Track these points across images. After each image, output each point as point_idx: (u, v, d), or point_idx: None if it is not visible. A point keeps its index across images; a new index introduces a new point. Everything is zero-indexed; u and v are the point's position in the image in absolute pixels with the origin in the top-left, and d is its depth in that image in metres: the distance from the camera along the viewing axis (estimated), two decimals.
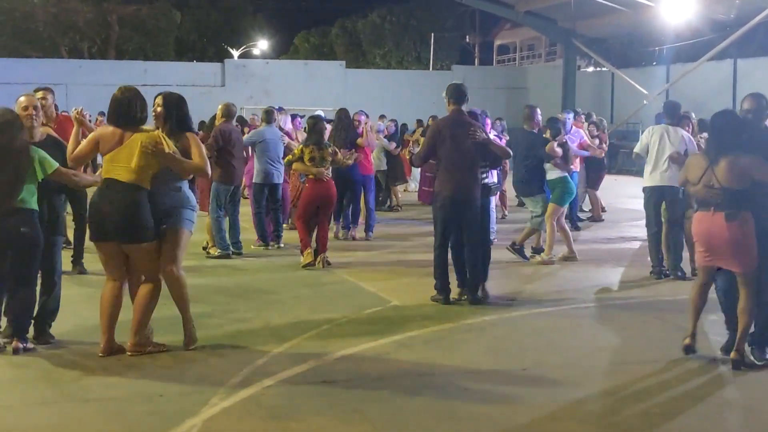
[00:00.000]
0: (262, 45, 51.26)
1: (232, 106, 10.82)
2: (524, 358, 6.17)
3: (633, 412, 5.09)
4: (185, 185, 6.31)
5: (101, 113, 18.42)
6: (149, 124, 6.25)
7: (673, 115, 9.44)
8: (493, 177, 8.87)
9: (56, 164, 6.07)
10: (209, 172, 6.43)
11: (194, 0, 49.27)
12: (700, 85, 27.55)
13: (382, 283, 8.89)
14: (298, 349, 6.31)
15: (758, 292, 5.91)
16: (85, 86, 29.88)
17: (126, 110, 6.04)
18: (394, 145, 15.98)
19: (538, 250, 10.48)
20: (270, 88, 32.38)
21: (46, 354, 6.11)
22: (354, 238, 12.03)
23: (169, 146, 5.98)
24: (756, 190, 5.82)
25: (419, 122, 19.92)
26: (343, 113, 12.12)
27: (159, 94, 6.38)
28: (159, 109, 6.31)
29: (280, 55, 53.66)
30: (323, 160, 9.82)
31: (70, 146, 6.20)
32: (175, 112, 6.25)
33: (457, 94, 8.01)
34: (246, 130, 13.79)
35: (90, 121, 10.43)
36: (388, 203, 16.37)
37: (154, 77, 32.61)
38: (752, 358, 5.97)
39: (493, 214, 10.57)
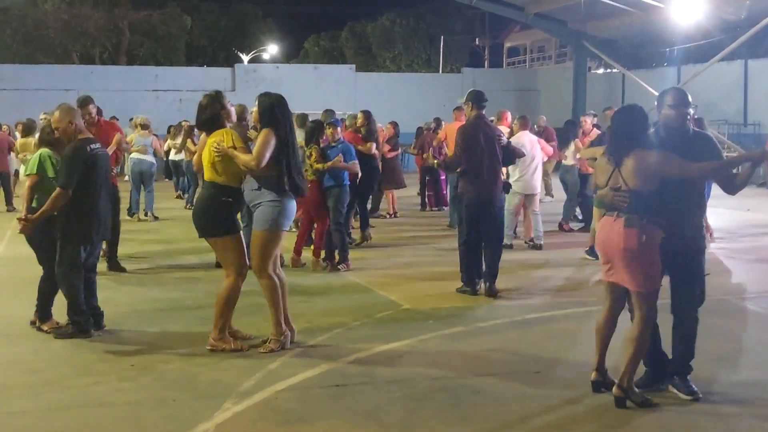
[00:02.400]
0: (272, 49, 51.37)
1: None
2: (538, 361, 6.16)
3: (649, 414, 5.06)
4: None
5: (113, 117, 18.50)
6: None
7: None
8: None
9: None
10: (255, 166, 6.13)
11: (205, 5, 49.45)
12: (711, 85, 27.46)
13: (393, 287, 8.89)
14: (310, 353, 6.32)
15: (685, 319, 5.29)
16: (96, 92, 29.74)
17: (199, 115, 6.49)
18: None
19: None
20: (281, 93, 32.42)
21: (61, 359, 6.14)
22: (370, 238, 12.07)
23: (232, 143, 6.19)
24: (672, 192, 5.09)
25: (437, 121, 18.15)
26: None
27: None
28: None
29: (290, 59, 53.75)
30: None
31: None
32: (262, 111, 6.46)
33: (480, 99, 8.56)
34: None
35: None
36: (391, 212, 15.67)
37: (165, 82, 32.79)
38: (677, 392, 5.32)
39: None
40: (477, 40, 53.16)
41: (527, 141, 11.41)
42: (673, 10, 24.95)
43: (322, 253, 10.04)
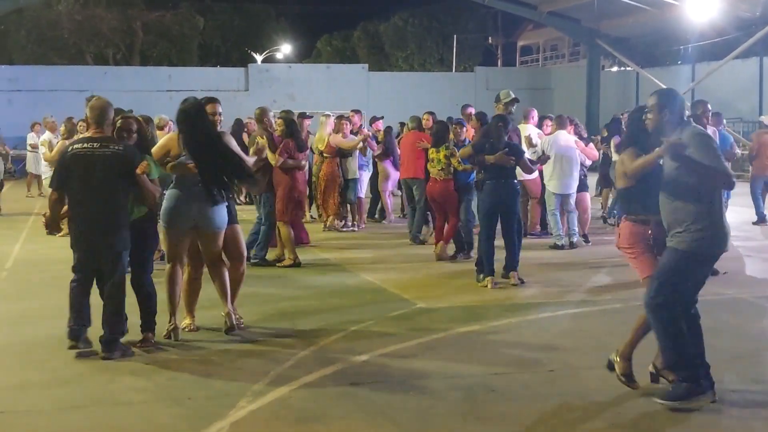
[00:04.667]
0: (285, 49, 51.47)
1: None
2: (551, 360, 6.14)
3: (665, 414, 5.04)
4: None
5: None
6: None
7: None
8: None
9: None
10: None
11: (218, 5, 49.58)
12: (726, 83, 27.33)
13: (406, 286, 8.88)
14: (324, 352, 6.33)
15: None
16: (110, 92, 29.90)
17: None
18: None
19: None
20: (294, 92, 32.51)
21: (76, 359, 6.16)
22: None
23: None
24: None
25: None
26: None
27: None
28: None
29: (302, 59, 53.84)
30: None
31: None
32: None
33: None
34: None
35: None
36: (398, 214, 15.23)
37: (179, 83, 32.87)
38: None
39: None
40: (490, 38, 53.02)
41: (563, 141, 11.36)
42: (687, 8, 24.84)
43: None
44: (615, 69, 38.02)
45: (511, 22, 50.54)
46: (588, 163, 11.96)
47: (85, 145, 6.14)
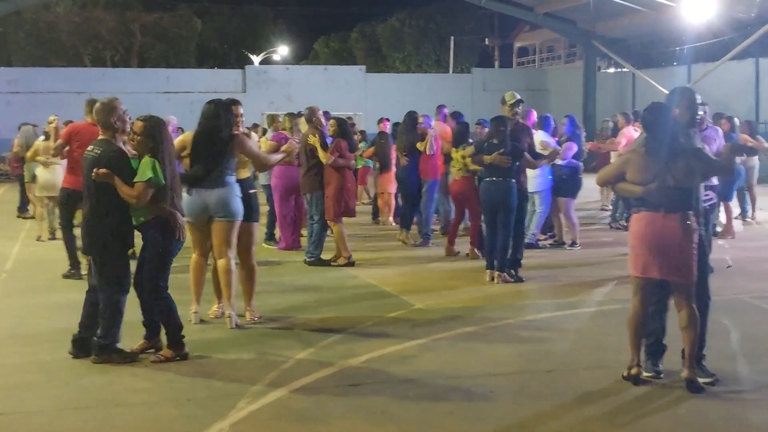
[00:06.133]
0: (282, 51, 51.46)
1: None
2: (550, 360, 6.17)
3: (663, 414, 5.08)
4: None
5: None
6: None
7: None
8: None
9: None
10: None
11: (215, 7, 49.58)
12: (722, 84, 27.36)
13: (405, 287, 8.92)
14: (323, 353, 6.36)
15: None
16: (108, 94, 29.99)
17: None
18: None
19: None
20: (291, 94, 32.51)
21: (77, 359, 6.18)
22: (415, 244, 11.93)
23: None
24: None
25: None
26: (409, 116, 12.22)
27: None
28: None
29: (300, 60, 53.86)
30: None
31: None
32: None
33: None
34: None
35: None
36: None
37: (177, 84, 32.87)
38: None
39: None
40: (487, 40, 53.07)
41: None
42: (683, 9, 24.85)
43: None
44: (611, 70, 38.06)
45: (508, 23, 50.66)
46: (560, 162, 11.68)
47: (89, 147, 6.28)
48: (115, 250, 6.11)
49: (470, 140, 10.94)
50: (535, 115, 12.23)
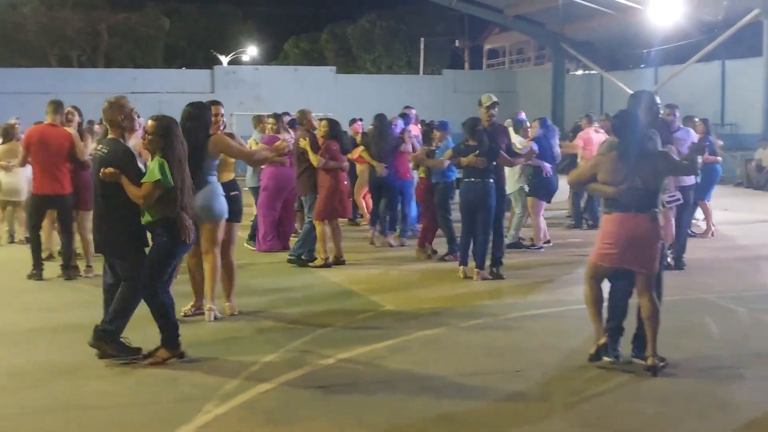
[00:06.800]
0: (251, 51, 51.25)
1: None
2: (519, 360, 6.18)
3: (627, 412, 5.10)
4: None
5: (90, 121, 18.24)
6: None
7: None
8: None
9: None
10: None
11: (183, 7, 49.27)
12: (689, 87, 27.66)
13: (375, 288, 8.89)
14: (292, 355, 6.31)
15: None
16: (74, 95, 29.61)
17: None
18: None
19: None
20: (261, 94, 32.38)
21: (44, 362, 6.10)
22: (391, 245, 11.83)
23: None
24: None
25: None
26: (380, 120, 12.07)
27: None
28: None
29: (269, 61, 53.60)
30: None
31: None
32: None
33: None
34: None
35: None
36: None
37: (144, 85, 32.58)
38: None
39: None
40: (457, 42, 53.24)
41: None
42: (650, 12, 25.12)
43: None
44: (580, 72, 38.36)
45: (478, 25, 50.80)
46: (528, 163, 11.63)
47: (97, 146, 6.41)
48: (129, 247, 6.12)
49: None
50: (524, 115, 12.40)
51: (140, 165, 6.19)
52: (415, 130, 12.47)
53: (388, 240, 11.92)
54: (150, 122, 6.12)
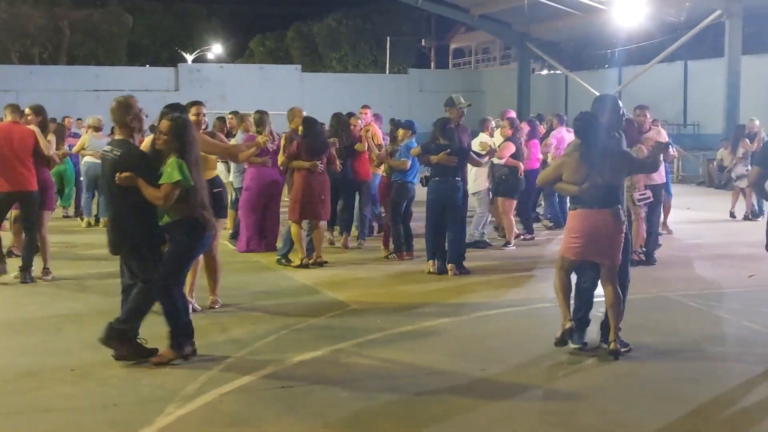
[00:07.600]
0: (216, 49, 50.97)
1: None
2: (484, 359, 6.18)
3: (592, 410, 5.13)
4: None
5: (52, 119, 17.94)
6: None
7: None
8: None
9: None
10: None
11: (147, 4, 48.83)
12: (652, 87, 28.00)
13: (340, 287, 8.85)
14: (256, 355, 6.26)
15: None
16: (36, 92, 29.42)
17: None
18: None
19: None
20: (226, 93, 32.20)
21: (1, 365, 5.98)
22: (347, 247, 11.52)
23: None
24: None
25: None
26: (338, 119, 11.87)
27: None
28: None
29: (235, 59, 53.32)
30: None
31: None
32: None
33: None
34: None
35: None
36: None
37: (106, 82, 32.28)
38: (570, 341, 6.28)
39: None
40: (423, 41, 53.42)
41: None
42: (615, 12, 25.36)
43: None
44: (545, 72, 38.68)
45: (444, 24, 51.03)
46: (499, 161, 11.63)
47: (106, 147, 6.27)
48: (146, 247, 6.03)
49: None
50: (513, 114, 12.49)
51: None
52: (374, 128, 12.27)
53: (346, 241, 11.62)
54: (165, 123, 6.03)
